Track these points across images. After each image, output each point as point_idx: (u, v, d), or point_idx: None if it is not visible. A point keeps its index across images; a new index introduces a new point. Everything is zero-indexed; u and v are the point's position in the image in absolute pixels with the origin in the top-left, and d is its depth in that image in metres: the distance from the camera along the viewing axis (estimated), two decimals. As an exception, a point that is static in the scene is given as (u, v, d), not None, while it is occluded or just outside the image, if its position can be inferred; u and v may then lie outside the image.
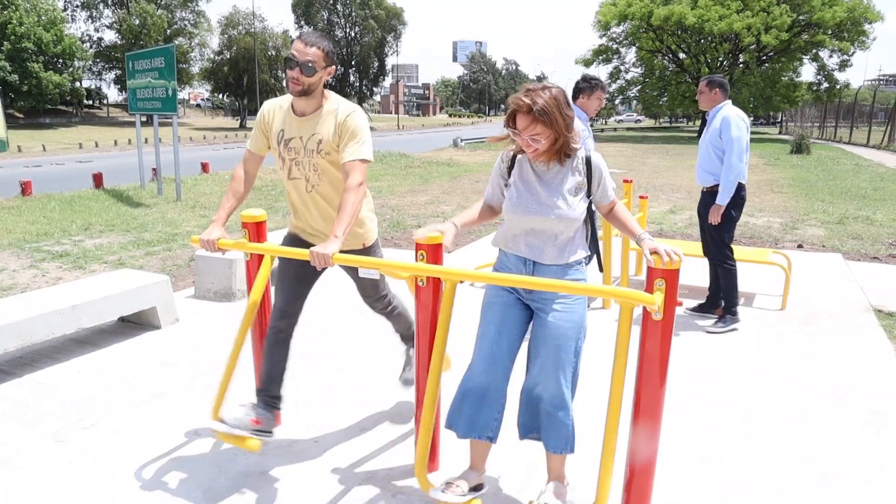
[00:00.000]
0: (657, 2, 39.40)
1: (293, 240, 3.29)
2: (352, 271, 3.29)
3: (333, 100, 3.03)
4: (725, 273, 5.12)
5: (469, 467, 2.86)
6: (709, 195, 5.02)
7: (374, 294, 3.45)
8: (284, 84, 2.99)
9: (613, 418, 2.47)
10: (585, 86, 4.97)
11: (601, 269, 3.21)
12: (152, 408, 3.77)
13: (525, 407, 2.75)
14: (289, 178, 3.12)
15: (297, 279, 3.19)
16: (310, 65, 2.84)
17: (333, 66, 2.98)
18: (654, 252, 2.38)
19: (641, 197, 7.07)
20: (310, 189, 3.08)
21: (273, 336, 3.16)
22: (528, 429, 2.77)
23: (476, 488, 2.78)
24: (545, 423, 2.67)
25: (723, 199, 4.87)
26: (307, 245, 3.16)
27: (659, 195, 13.37)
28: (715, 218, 4.92)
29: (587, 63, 45.45)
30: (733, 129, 4.80)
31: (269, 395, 3.15)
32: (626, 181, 6.43)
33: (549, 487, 2.74)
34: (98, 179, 14.51)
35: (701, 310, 5.47)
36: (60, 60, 44.75)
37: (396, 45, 72.27)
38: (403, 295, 3.82)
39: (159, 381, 4.12)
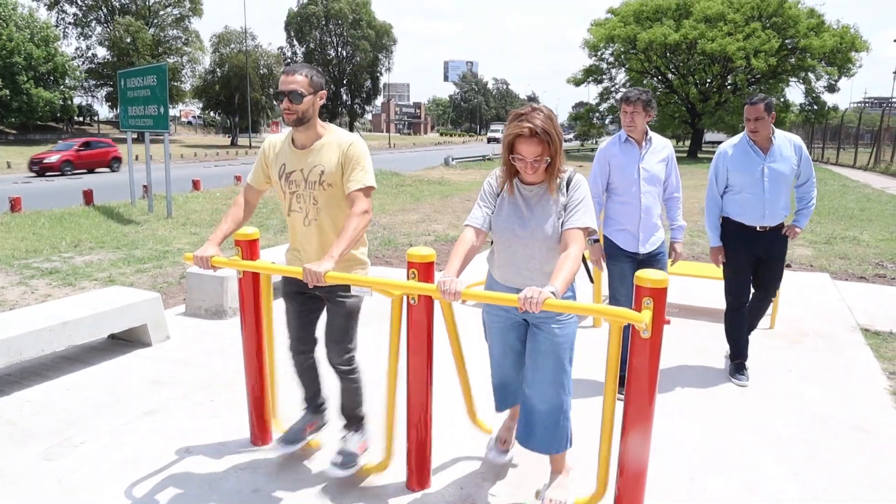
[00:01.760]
0: (643, 24, 39.96)
1: (293, 279, 3.19)
2: (331, 308, 3.18)
3: (333, 131, 3.06)
4: (766, 307, 4.69)
5: (510, 417, 3.32)
6: (775, 232, 4.40)
7: (340, 341, 3.16)
8: (279, 112, 3.03)
9: (607, 433, 2.51)
10: None
11: (591, 280, 3.57)
12: (143, 425, 3.76)
13: (525, 417, 2.89)
14: (289, 213, 3.13)
15: (303, 318, 3.26)
16: (296, 92, 2.88)
17: (324, 91, 3.02)
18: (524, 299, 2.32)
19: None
20: (308, 223, 3.08)
21: (299, 365, 3.36)
22: (526, 438, 2.90)
23: None
24: (545, 430, 2.82)
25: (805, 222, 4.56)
26: (301, 287, 3.11)
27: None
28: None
29: (578, 82, 45.93)
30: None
31: (316, 405, 3.47)
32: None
33: (555, 479, 2.95)
34: (88, 196, 14.49)
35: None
36: (51, 77, 44.75)
37: (388, 63, 72.76)
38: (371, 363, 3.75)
39: (150, 399, 4.11)
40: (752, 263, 4.43)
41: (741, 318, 4.54)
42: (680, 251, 4.35)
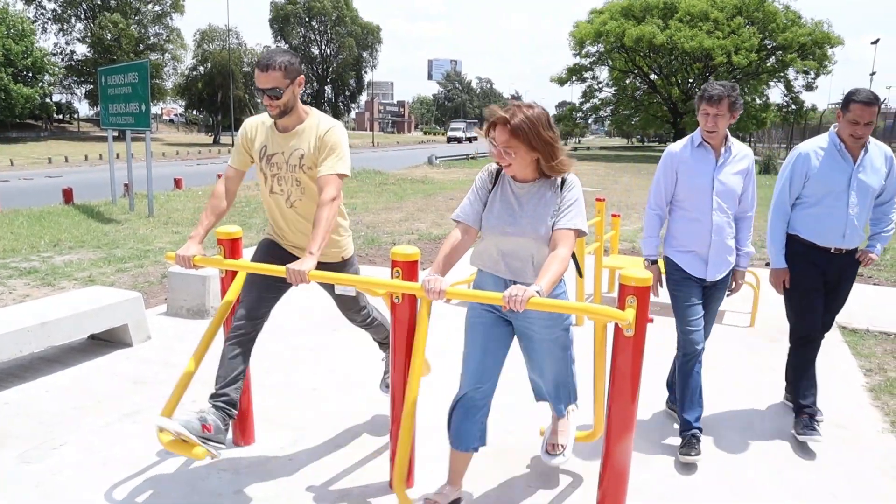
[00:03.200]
0: (630, 22, 40.27)
1: (270, 244, 3.26)
2: (330, 287, 3.30)
3: (315, 115, 3.07)
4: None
5: (447, 482, 2.90)
6: (850, 255, 3.69)
7: (353, 307, 3.44)
8: (263, 109, 3.01)
9: (599, 385, 2.59)
10: None
11: (580, 275, 3.31)
12: (124, 427, 3.72)
13: (541, 389, 3.06)
14: (270, 194, 3.14)
15: (268, 285, 3.12)
16: (274, 88, 2.87)
17: (301, 76, 2.99)
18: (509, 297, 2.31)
19: (614, 215, 7.18)
20: (289, 205, 3.10)
21: (235, 337, 3.07)
22: (539, 395, 3.11)
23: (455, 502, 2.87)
24: (554, 396, 3.01)
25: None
26: (284, 252, 3.21)
27: (631, 213, 13.55)
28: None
29: (561, 82, 46.15)
30: None
31: (225, 400, 2.97)
32: (598, 199, 6.52)
33: (556, 423, 3.07)
34: (68, 195, 14.29)
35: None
36: (30, 74, 44.11)
37: (373, 61, 72.54)
38: (381, 306, 3.81)
39: (131, 400, 4.07)
40: (822, 289, 3.72)
41: (814, 351, 3.76)
42: (741, 282, 3.62)
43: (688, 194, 3.42)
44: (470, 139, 70.58)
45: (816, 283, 3.67)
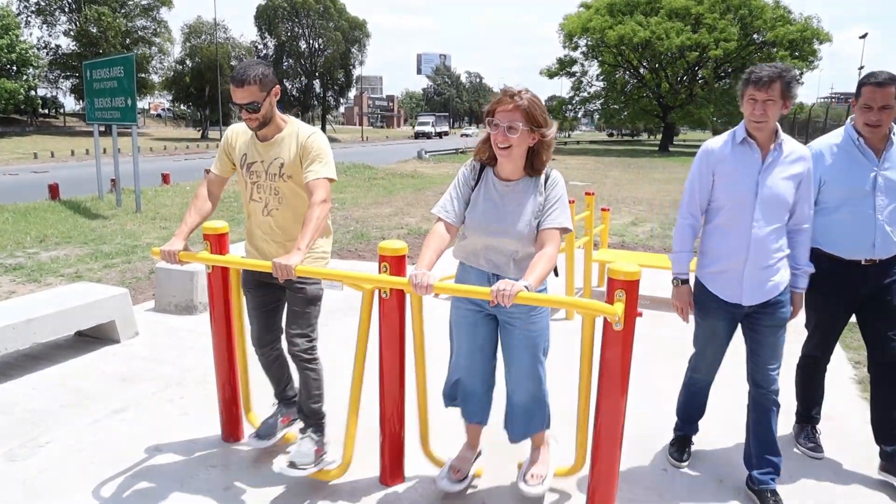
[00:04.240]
0: (617, 18, 40.32)
1: (249, 271, 3.20)
2: (292, 298, 3.12)
3: (293, 123, 3.06)
4: None
5: (464, 445, 3.10)
6: (888, 265, 3.12)
7: (301, 328, 3.08)
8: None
9: (583, 412, 2.60)
10: None
11: (556, 274, 3.00)
12: (111, 424, 3.69)
13: (507, 406, 2.93)
14: (249, 201, 3.12)
15: (265, 308, 3.22)
16: (252, 103, 2.86)
17: (276, 86, 2.97)
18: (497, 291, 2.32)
19: (603, 209, 7.19)
20: (266, 213, 3.07)
21: (265, 359, 3.35)
22: (507, 424, 2.97)
23: (476, 457, 3.13)
24: (523, 417, 2.89)
25: None
26: (262, 277, 3.12)
27: (621, 207, 13.58)
28: None
29: (551, 75, 46.12)
30: None
31: (288, 398, 3.45)
32: (587, 193, 6.53)
33: (535, 454, 3.00)
34: (54, 190, 14.17)
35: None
36: (14, 67, 43.63)
37: (361, 55, 72.09)
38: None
39: (118, 397, 4.04)
40: (852, 309, 3.25)
41: (820, 372, 3.51)
42: (800, 305, 3.13)
43: (725, 199, 2.89)
44: (440, 134, 68.53)
45: (844, 308, 3.25)
